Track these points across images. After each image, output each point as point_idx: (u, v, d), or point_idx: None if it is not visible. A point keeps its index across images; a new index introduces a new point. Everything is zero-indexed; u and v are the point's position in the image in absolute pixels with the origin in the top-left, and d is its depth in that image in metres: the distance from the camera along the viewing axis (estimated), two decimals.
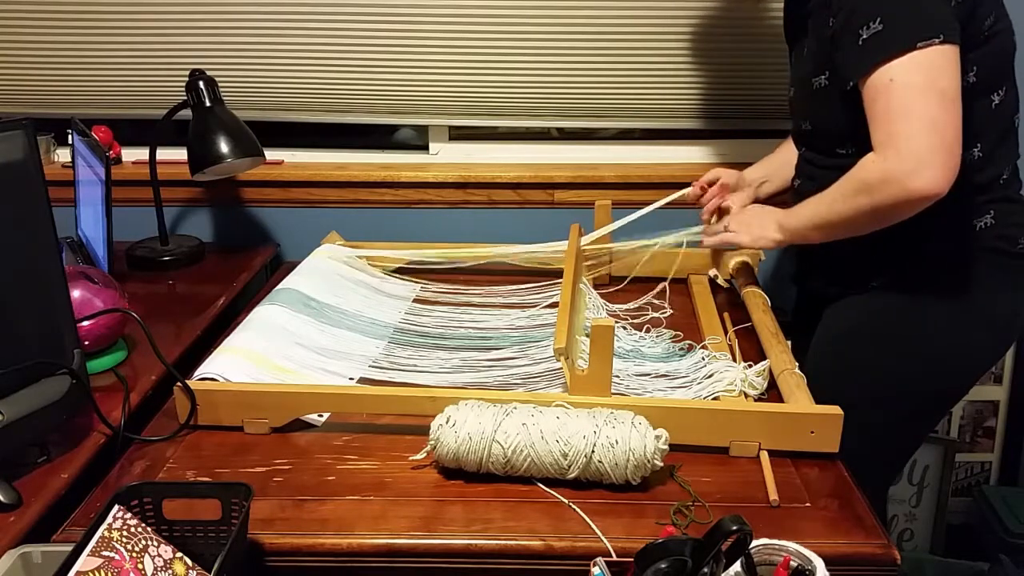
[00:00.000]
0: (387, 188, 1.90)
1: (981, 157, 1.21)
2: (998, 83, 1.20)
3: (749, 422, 1.09)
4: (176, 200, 1.92)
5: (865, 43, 1.12)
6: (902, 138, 1.09)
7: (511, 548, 0.95)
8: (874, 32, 1.11)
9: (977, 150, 1.21)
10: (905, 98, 1.09)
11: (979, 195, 1.23)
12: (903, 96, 1.09)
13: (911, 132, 1.08)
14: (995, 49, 1.17)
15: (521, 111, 1.88)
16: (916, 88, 1.08)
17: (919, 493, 2.05)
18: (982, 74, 1.17)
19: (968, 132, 1.14)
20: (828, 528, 0.97)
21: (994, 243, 1.24)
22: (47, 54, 1.83)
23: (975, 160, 1.21)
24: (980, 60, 1.16)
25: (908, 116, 1.09)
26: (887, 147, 1.11)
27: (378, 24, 1.77)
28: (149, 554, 0.82)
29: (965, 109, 1.12)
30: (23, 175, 1.00)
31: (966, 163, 1.16)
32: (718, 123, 1.89)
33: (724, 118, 1.89)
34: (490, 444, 1.02)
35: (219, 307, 1.56)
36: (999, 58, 1.19)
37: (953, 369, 1.31)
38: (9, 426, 0.99)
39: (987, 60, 1.17)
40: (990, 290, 1.26)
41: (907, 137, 1.09)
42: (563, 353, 1.16)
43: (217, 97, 1.59)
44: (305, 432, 1.17)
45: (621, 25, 1.76)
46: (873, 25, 1.11)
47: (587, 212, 1.63)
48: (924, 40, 1.08)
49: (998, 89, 1.20)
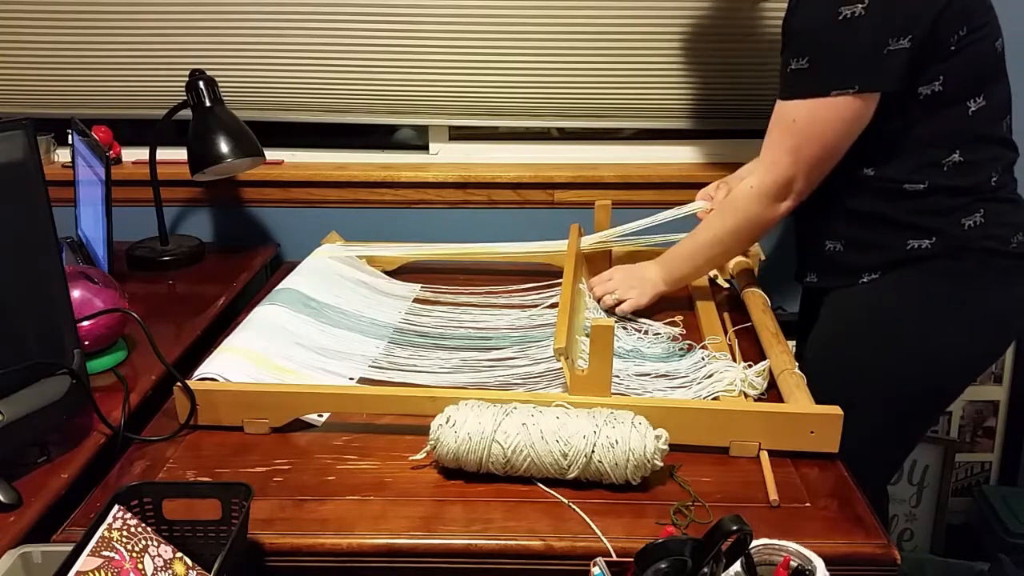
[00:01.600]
0: (387, 188, 1.90)
1: (962, 162, 1.22)
2: (974, 91, 1.21)
3: (749, 422, 1.09)
4: (176, 200, 1.92)
5: (792, 74, 1.21)
6: (782, 168, 1.24)
7: (511, 548, 0.95)
8: (800, 68, 1.19)
9: (957, 155, 1.22)
10: (799, 137, 1.21)
11: (964, 196, 1.23)
12: (799, 135, 1.21)
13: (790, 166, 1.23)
14: (968, 59, 1.18)
15: (521, 111, 1.88)
16: (812, 131, 1.21)
17: (919, 493, 2.05)
18: (952, 84, 1.19)
19: (939, 138, 1.21)
20: (828, 528, 0.97)
21: (984, 242, 1.24)
22: (47, 54, 1.83)
23: (954, 165, 1.22)
24: (948, 71, 1.18)
25: (796, 153, 1.22)
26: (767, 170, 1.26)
27: (378, 24, 1.77)
28: (149, 554, 0.82)
29: (933, 117, 1.20)
30: (23, 175, 1.00)
31: (942, 168, 1.23)
32: (718, 123, 1.89)
33: (724, 118, 1.89)
34: (490, 444, 1.02)
35: (219, 307, 1.56)
36: (974, 68, 1.19)
37: (947, 368, 1.31)
38: (9, 426, 0.99)
39: (957, 70, 1.18)
40: (982, 289, 1.26)
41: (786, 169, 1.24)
42: (563, 353, 1.16)
43: (217, 97, 1.59)
44: (305, 432, 1.17)
45: (621, 25, 1.76)
46: (801, 62, 1.19)
47: (587, 212, 1.63)
48: (838, 90, 1.17)
49: (974, 96, 1.21)
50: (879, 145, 1.22)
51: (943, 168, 1.22)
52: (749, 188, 1.29)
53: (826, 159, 1.23)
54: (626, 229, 1.54)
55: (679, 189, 1.71)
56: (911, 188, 1.23)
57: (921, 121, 1.21)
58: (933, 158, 1.23)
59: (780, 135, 1.24)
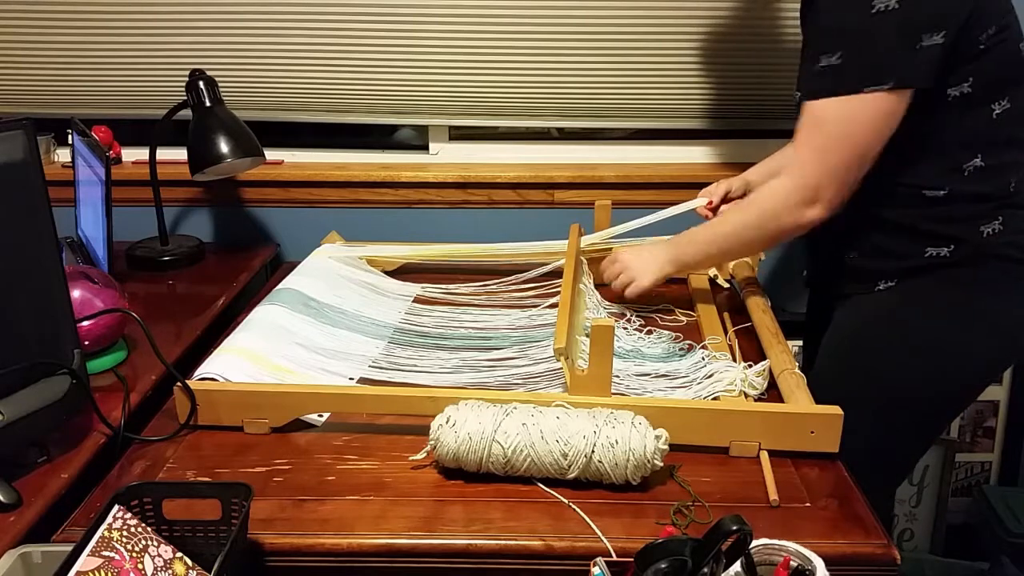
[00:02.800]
0: (387, 188, 1.90)
1: (983, 167, 1.20)
2: (1001, 93, 1.18)
3: (749, 422, 1.09)
4: (176, 200, 1.92)
5: (822, 71, 1.16)
6: (812, 169, 1.18)
7: (511, 548, 0.95)
8: (832, 65, 1.14)
9: (979, 160, 1.20)
10: (831, 136, 1.16)
11: (984, 203, 1.21)
12: (830, 133, 1.16)
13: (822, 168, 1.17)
14: (995, 60, 1.16)
15: (521, 111, 1.88)
16: (845, 130, 1.16)
17: (919, 493, 2.05)
18: (980, 85, 1.16)
19: (963, 142, 1.18)
20: (828, 528, 0.97)
21: (1002, 250, 1.23)
22: (47, 54, 1.83)
23: (975, 170, 1.20)
24: (978, 71, 1.15)
25: (827, 153, 1.17)
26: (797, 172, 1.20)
27: (378, 24, 1.77)
28: (149, 554, 0.82)
29: (959, 119, 1.16)
30: (23, 175, 1.00)
31: (963, 173, 1.20)
32: (718, 123, 1.89)
33: (724, 118, 1.89)
34: (490, 444, 1.02)
35: (219, 307, 1.56)
36: (1000, 68, 1.17)
37: (963, 375, 1.30)
38: (9, 426, 0.99)
39: (986, 70, 1.16)
40: (998, 297, 1.25)
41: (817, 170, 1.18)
42: (563, 353, 1.16)
43: (217, 97, 1.59)
44: (305, 432, 1.17)
45: (621, 25, 1.76)
46: (832, 58, 1.14)
47: (587, 212, 1.63)
48: (872, 86, 1.12)
49: (1000, 99, 1.18)
50: (900, 149, 1.18)
51: (964, 173, 1.20)
52: (774, 187, 1.24)
53: (856, 162, 1.17)
54: (625, 228, 1.54)
55: (679, 189, 1.71)
56: (931, 195, 1.21)
57: (946, 124, 1.18)
58: (955, 163, 1.20)
59: (808, 136, 1.19)
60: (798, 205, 1.20)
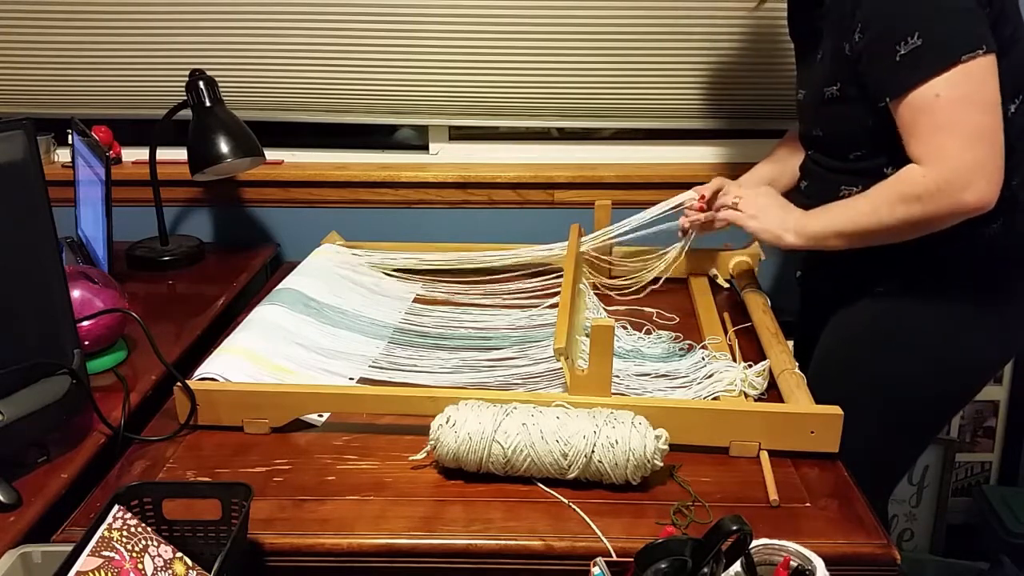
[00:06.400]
0: (387, 188, 1.90)
1: None
2: (1015, 92, 1.18)
3: (749, 422, 1.09)
4: (176, 200, 1.92)
5: (904, 59, 1.10)
6: (952, 152, 1.10)
7: (511, 548, 0.95)
8: (913, 48, 1.09)
9: None
10: (953, 112, 1.09)
11: None
12: (951, 110, 1.09)
13: (961, 146, 1.09)
14: (1013, 59, 1.15)
15: (521, 111, 1.88)
16: (963, 102, 1.09)
17: (919, 493, 2.05)
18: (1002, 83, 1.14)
19: None
20: (828, 528, 0.97)
21: (1003, 251, 1.23)
22: (47, 54, 1.83)
23: None
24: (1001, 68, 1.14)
25: (956, 130, 1.09)
26: (936, 161, 1.11)
27: (378, 24, 1.77)
28: (149, 554, 0.82)
29: None
30: (23, 175, 1.00)
31: None
32: (718, 123, 1.89)
33: (724, 118, 1.89)
34: (490, 444, 1.02)
35: (219, 307, 1.56)
36: (1016, 68, 1.17)
37: (959, 376, 1.30)
38: (9, 426, 0.99)
39: (1006, 69, 1.14)
40: (998, 297, 1.25)
41: (958, 151, 1.10)
42: (563, 353, 1.16)
43: (217, 97, 1.59)
44: (305, 432, 1.17)
45: (621, 25, 1.76)
46: (912, 40, 1.09)
47: (587, 212, 1.63)
48: (968, 53, 1.08)
49: (1015, 98, 1.18)
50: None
51: None
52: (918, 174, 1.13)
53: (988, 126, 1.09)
54: (622, 227, 1.53)
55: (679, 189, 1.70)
56: None
57: None
58: None
59: (929, 124, 1.10)
60: (956, 190, 1.11)
